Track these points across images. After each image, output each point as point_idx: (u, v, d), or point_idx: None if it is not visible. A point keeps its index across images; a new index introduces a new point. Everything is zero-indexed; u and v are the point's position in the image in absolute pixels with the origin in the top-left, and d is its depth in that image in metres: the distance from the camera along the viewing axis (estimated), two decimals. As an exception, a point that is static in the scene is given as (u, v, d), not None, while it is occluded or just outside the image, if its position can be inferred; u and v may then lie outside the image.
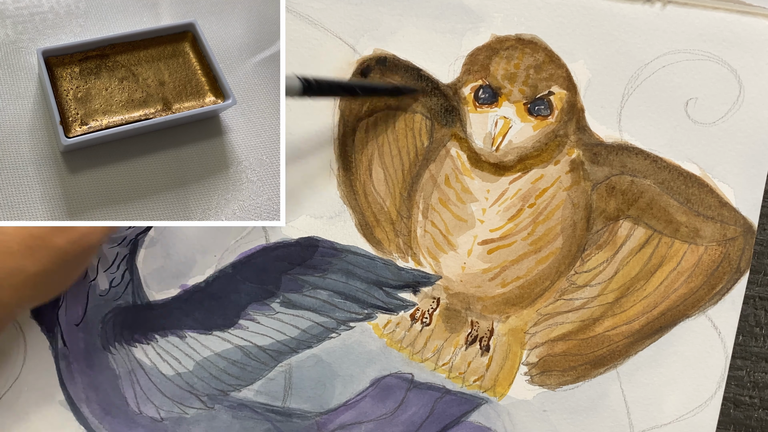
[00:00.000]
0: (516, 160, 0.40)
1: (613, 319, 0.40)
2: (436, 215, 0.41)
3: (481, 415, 0.40)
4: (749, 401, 0.40)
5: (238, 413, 0.41)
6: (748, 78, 0.39)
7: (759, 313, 0.39)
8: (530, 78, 0.40)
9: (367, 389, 0.40)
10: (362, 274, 0.41)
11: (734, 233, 0.39)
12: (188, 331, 0.41)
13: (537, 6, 0.40)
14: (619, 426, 0.39)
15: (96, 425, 0.41)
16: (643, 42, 0.39)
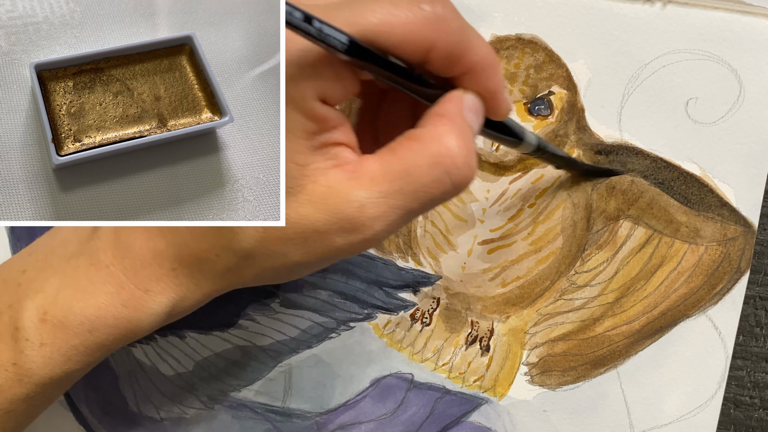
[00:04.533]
0: (516, 159, 0.40)
1: (614, 319, 0.40)
2: (436, 215, 0.41)
3: (481, 415, 0.40)
4: (749, 401, 0.40)
5: (238, 413, 0.41)
6: (748, 78, 0.39)
7: (759, 313, 0.39)
8: (530, 78, 0.40)
9: (367, 389, 0.40)
10: (362, 274, 0.41)
11: (734, 233, 0.39)
12: (188, 331, 0.41)
13: (537, 6, 0.40)
14: (619, 426, 0.39)
15: (95, 425, 0.41)
16: (643, 42, 0.39)
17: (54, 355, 0.30)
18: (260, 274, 0.30)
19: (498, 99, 0.29)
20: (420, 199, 0.27)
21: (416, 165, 0.27)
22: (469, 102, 0.28)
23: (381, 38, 0.26)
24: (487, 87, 0.28)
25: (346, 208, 0.27)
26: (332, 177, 0.27)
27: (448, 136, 0.27)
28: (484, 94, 0.29)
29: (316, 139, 0.27)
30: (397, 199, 0.27)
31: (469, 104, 0.28)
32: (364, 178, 0.27)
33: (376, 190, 0.27)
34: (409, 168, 0.27)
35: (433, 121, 0.28)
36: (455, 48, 0.27)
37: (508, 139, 0.33)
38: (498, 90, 0.29)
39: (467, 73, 0.28)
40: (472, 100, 0.28)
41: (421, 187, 0.27)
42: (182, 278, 0.30)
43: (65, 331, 0.30)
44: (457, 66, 0.28)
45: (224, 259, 0.29)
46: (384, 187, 0.27)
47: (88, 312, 0.30)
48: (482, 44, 0.28)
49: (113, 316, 0.30)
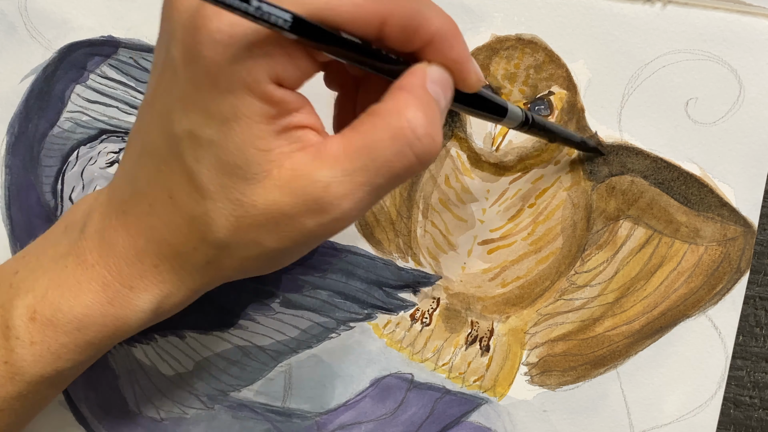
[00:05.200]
0: (516, 160, 0.40)
1: (614, 319, 0.40)
2: (436, 215, 0.41)
3: (481, 416, 0.40)
4: (749, 401, 0.40)
5: (238, 413, 0.41)
6: (748, 78, 0.39)
7: (759, 313, 0.39)
8: (530, 78, 0.40)
9: (367, 389, 0.40)
10: (362, 274, 0.41)
11: (734, 233, 0.39)
12: (188, 331, 0.41)
13: (537, 6, 0.40)
14: (619, 426, 0.39)
15: (95, 425, 0.41)
16: (643, 42, 0.39)
17: (44, 353, 0.31)
18: (241, 264, 0.30)
19: (464, 69, 0.28)
20: (384, 175, 0.27)
21: (377, 140, 0.27)
22: (433, 74, 0.28)
23: (329, 15, 0.25)
24: (449, 57, 0.28)
25: (311, 189, 0.27)
26: (297, 160, 0.27)
27: (408, 109, 0.27)
28: (449, 64, 0.28)
29: (278, 123, 0.27)
30: (362, 175, 0.27)
31: (433, 76, 0.28)
32: (327, 157, 0.27)
33: (340, 168, 0.27)
34: (370, 144, 0.27)
35: (394, 94, 0.27)
36: (409, 21, 0.27)
37: (490, 115, 0.32)
38: (462, 59, 0.28)
39: (427, 45, 0.27)
40: (437, 72, 0.28)
41: (384, 162, 0.27)
42: (165, 274, 0.30)
43: (54, 329, 0.31)
44: (415, 39, 0.27)
45: (202, 252, 0.29)
46: (347, 165, 0.27)
47: (75, 310, 0.30)
48: (438, 14, 0.27)
49: (100, 314, 0.31)
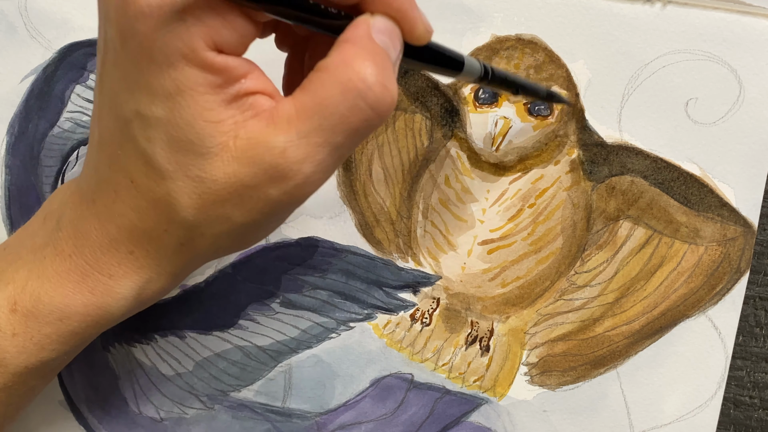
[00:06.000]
0: (516, 160, 0.40)
1: (613, 319, 0.40)
2: (436, 215, 0.41)
3: (481, 416, 0.40)
4: (749, 401, 0.40)
5: (238, 413, 0.41)
6: (748, 78, 0.39)
7: (759, 313, 0.39)
8: (530, 78, 0.40)
9: (367, 389, 0.40)
10: (362, 274, 0.41)
11: (734, 233, 0.39)
12: (188, 331, 0.41)
13: (537, 6, 0.40)
14: (619, 426, 0.39)
15: (95, 425, 0.41)
16: (643, 42, 0.39)
17: (27, 344, 0.31)
18: (215, 242, 0.29)
19: (410, 18, 0.27)
20: (342, 131, 0.26)
21: (328, 96, 0.25)
22: (378, 24, 0.27)
23: None
24: (393, 7, 0.27)
25: (268, 156, 0.26)
26: (251, 128, 0.26)
27: (355, 60, 0.25)
28: (394, 15, 0.27)
29: (225, 92, 0.26)
30: (318, 135, 0.26)
31: (378, 26, 0.26)
32: (281, 122, 0.26)
33: (294, 131, 0.26)
34: (321, 101, 0.26)
35: (340, 48, 0.26)
36: None
37: (447, 69, 0.30)
38: (407, 8, 0.27)
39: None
40: (382, 22, 0.27)
41: (339, 119, 0.26)
42: (142, 260, 0.30)
43: (36, 320, 0.31)
44: None
45: (173, 234, 0.29)
46: (301, 127, 0.26)
47: (56, 301, 0.30)
48: None
49: (82, 303, 0.30)
